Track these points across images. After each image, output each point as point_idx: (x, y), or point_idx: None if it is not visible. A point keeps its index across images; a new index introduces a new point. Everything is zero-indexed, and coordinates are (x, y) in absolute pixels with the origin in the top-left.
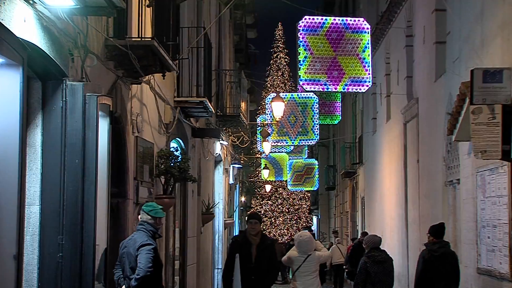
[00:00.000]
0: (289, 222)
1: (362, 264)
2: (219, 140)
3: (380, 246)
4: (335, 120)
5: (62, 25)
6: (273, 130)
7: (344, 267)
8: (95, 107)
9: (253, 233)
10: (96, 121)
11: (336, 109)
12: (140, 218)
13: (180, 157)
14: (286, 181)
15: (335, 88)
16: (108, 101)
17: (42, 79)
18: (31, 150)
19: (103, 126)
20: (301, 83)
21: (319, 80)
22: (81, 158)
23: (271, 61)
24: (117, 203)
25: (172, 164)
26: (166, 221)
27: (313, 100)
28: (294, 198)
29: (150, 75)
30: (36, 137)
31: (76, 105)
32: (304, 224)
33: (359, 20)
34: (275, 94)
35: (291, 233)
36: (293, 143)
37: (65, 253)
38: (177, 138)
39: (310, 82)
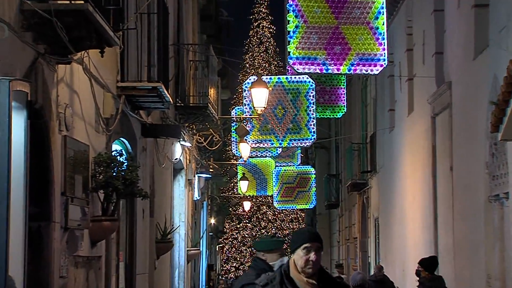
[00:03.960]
0: None
1: None
2: (179, 141)
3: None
4: (339, 112)
5: None
6: (253, 126)
7: None
8: (6, 96)
9: (309, 271)
10: (8, 114)
11: (340, 97)
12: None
13: (126, 164)
14: (271, 196)
15: (338, 69)
16: (25, 87)
17: None
18: None
19: (18, 121)
20: (291, 62)
21: (315, 58)
22: None
23: (251, 32)
24: (38, 228)
25: (114, 174)
26: (106, 252)
27: (307, 85)
28: (283, 220)
29: (83, 52)
30: None
31: None
32: None
33: None
34: (256, 78)
35: None
36: (281, 144)
37: None
38: (122, 138)
39: (304, 61)
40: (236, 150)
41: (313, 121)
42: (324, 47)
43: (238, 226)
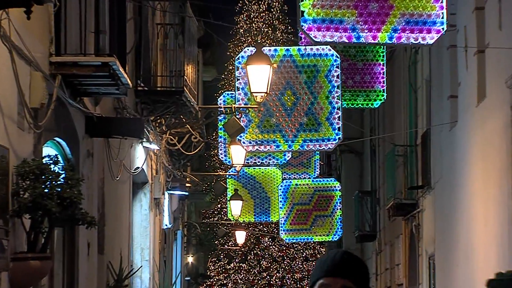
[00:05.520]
0: None
1: None
2: (141, 142)
3: None
4: (375, 100)
5: None
6: (250, 120)
7: None
8: None
9: None
10: None
11: (377, 78)
12: None
13: (63, 175)
14: (277, 223)
15: (375, 37)
16: None
17: None
18: None
19: None
20: (305, 27)
21: (341, 21)
22: None
23: None
24: None
25: (46, 191)
26: None
27: (329, 60)
28: (294, 259)
29: (1, 12)
30: None
31: None
32: None
33: None
34: (254, 49)
35: None
36: (290, 146)
37: None
38: (57, 139)
39: (324, 25)
40: (225, 156)
41: (337, 114)
42: (354, 4)
43: (228, 267)
